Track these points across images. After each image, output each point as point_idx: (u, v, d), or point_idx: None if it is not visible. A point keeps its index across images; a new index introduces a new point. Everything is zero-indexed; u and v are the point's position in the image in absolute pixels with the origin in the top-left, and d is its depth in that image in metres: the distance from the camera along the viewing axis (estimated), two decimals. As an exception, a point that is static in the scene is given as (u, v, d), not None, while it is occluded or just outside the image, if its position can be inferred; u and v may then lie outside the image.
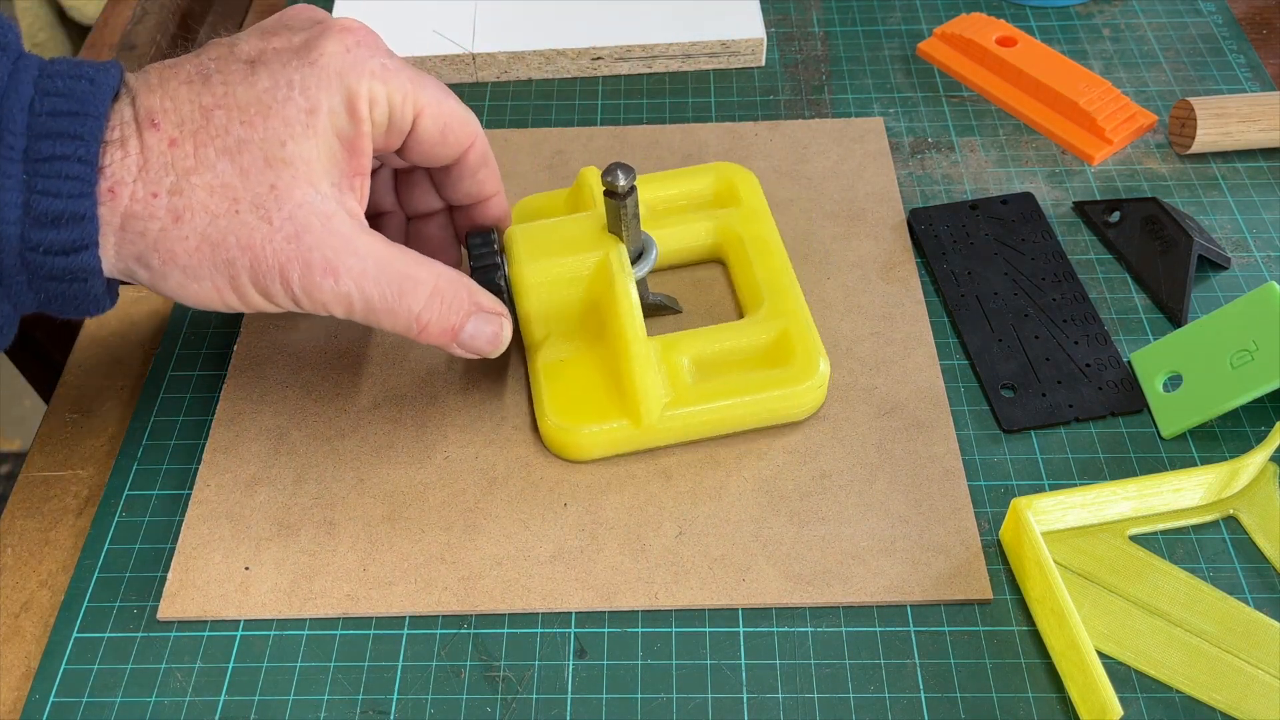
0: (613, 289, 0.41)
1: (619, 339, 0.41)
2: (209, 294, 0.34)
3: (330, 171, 0.34)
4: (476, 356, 0.39)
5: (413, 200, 0.43)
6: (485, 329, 0.38)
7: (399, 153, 0.38)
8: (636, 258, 0.43)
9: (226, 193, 0.32)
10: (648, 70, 0.59)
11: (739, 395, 0.41)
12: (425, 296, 0.36)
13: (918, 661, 0.37)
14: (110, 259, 0.33)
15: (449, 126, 0.37)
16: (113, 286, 0.34)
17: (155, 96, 0.33)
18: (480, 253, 0.41)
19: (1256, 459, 0.40)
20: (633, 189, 0.40)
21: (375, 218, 0.43)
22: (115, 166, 0.32)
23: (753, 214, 0.47)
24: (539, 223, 0.43)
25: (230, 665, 0.37)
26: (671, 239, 0.47)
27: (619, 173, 0.39)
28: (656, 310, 0.46)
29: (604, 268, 0.41)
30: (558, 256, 0.42)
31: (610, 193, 0.40)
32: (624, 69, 0.58)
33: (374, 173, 0.42)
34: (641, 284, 0.44)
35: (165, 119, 0.32)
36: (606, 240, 0.42)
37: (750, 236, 0.46)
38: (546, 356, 0.43)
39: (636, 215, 0.41)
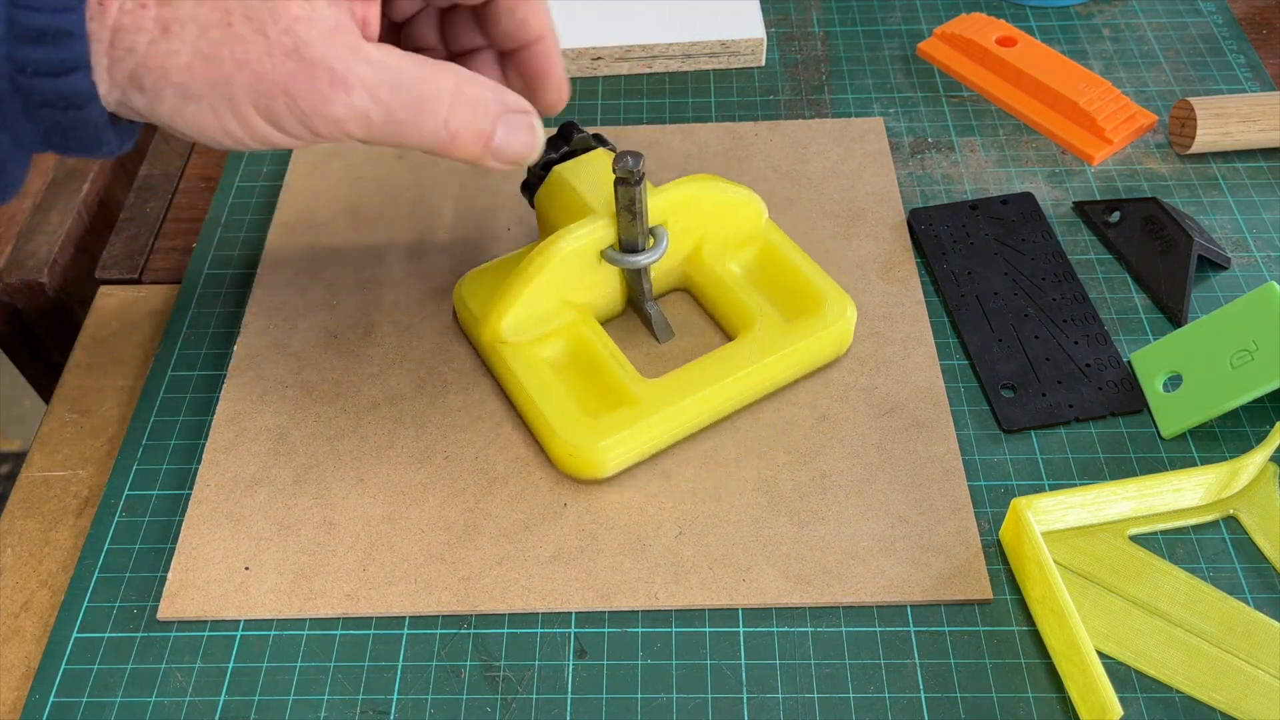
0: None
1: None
2: (208, 119, 0.31)
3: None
4: (510, 167, 0.36)
5: (457, 39, 0.40)
6: (518, 134, 0.35)
7: None
8: (645, 245, 0.43)
9: (218, 3, 0.30)
10: (648, 70, 0.59)
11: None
12: (449, 100, 0.33)
13: (918, 661, 0.37)
14: (105, 84, 0.30)
15: None
16: (119, 125, 0.32)
17: None
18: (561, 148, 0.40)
19: (1256, 459, 0.40)
20: (643, 175, 0.40)
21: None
22: None
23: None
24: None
25: (230, 665, 0.37)
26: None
27: (629, 159, 0.39)
28: (646, 318, 0.46)
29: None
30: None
31: (623, 180, 0.40)
32: (624, 69, 0.58)
33: (416, 15, 0.40)
34: (646, 274, 0.44)
35: None
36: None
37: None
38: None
39: (645, 202, 0.41)
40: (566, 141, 0.45)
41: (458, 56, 0.40)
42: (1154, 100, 0.56)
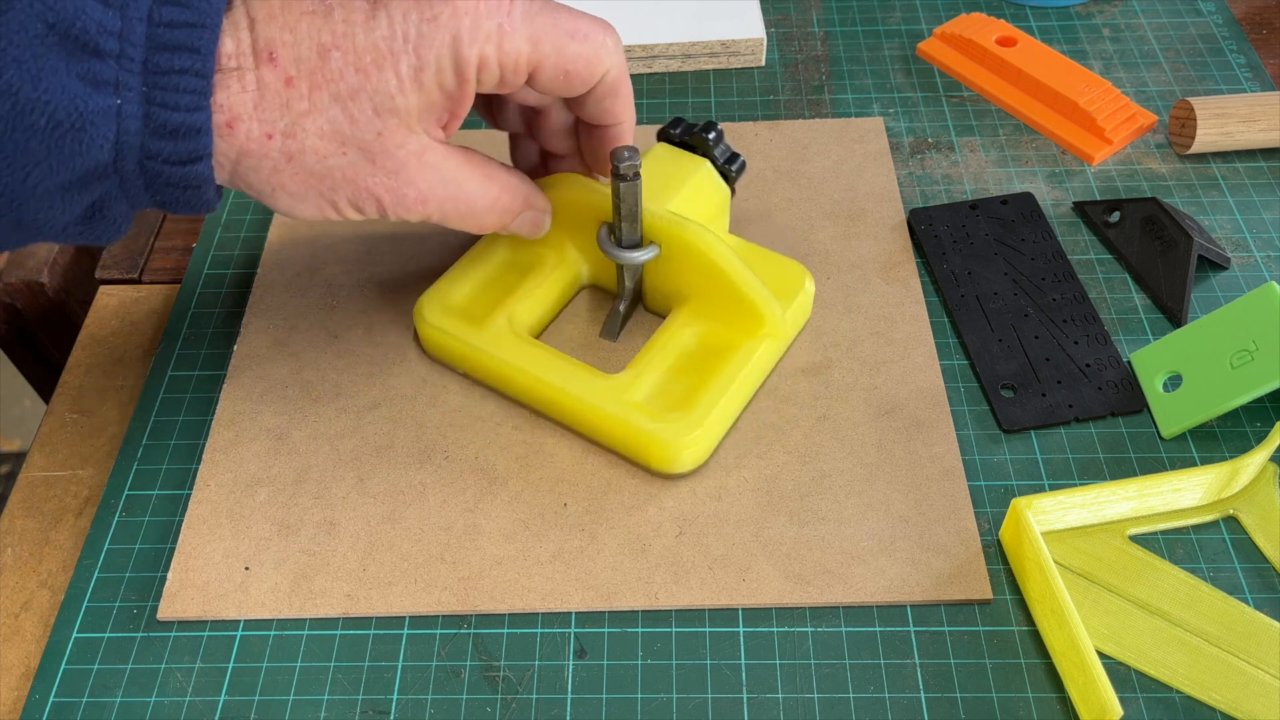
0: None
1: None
2: (310, 212, 0.36)
3: (427, 118, 0.36)
4: (522, 236, 0.43)
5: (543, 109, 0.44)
6: (528, 221, 0.42)
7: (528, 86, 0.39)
8: (642, 242, 0.43)
9: (336, 137, 0.34)
10: (648, 70, 0.58)
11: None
12: (488, 208, 0.39)
13: (918, 661, 0.37)
14: (224, 179, 0.35)
15: (572, 73, 0.37)
16: (220, 189, 0.36)
17: (275, 26, 0.33)
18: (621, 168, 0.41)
19: (1256, 459, 0.40)
20: (639, 173, 0.40)
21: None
22: (233, 98, 0.33)
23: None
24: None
25: (230, 665, 0.37)
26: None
27: (626, 154, 0.39)
28: (614, 312, 0.46)
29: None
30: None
31: (621, 176, 0.40)
32: (624, 69, 0.58)
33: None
34: (631, 272, 0.44)
35: (283, 53, 0.33)
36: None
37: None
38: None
39: (640, 201, 0.41)
40: (674, 128, 0.46)
41: (538, 113, 0.43)
42: (1154, 100, 0.56)
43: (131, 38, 0.31)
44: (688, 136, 0.46)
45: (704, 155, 0.45)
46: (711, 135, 0.45)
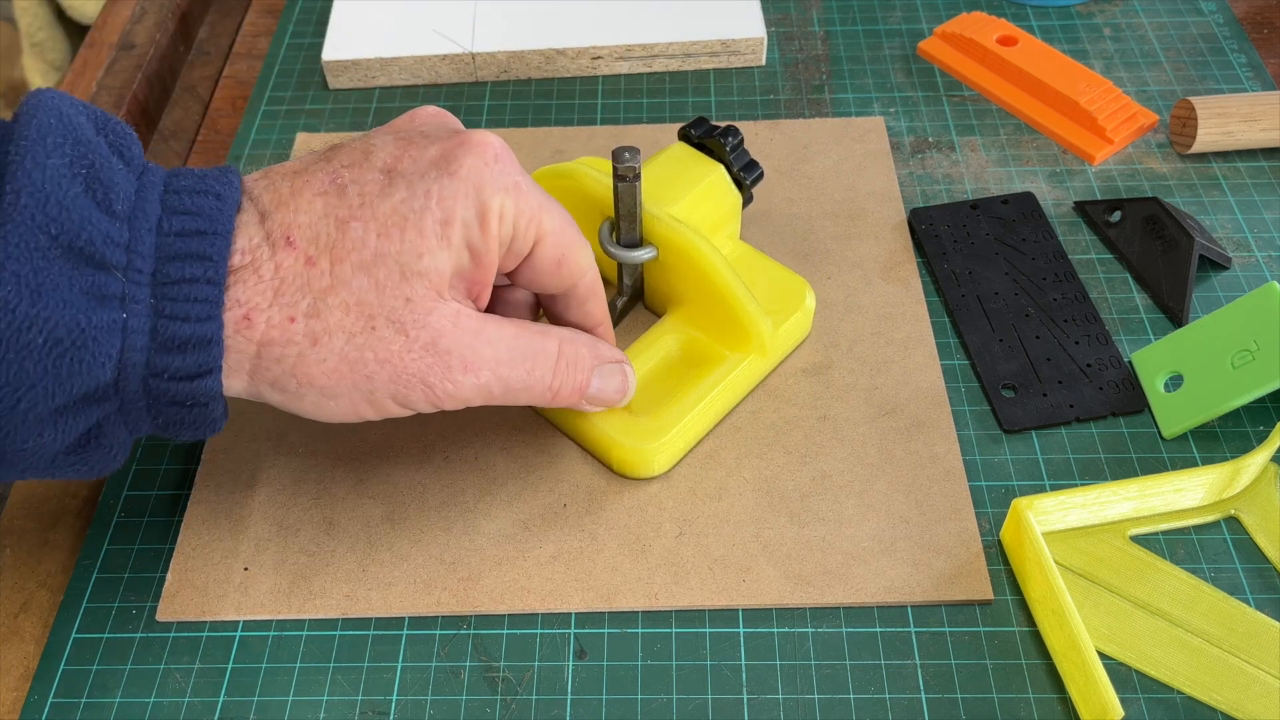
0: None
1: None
2: (345, 411, 0.33)
3: (457, 285, 0.33)
4: (602, 409, 0.40)
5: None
6: (611, 382, 0.39)
7: (510, 276, 0.37)
8: (641, 242, 0.43)
9: (363, 310, 0.32)
10: (648, 70, 0.58)
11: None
12: (553, 365, 0.36)
13: (918, 662, 0.37)
14: (242, 384, 0.32)
15: (566, 257, 0.36)
16: (226, 408, 0.33)
17: (288, 211, 0.32)
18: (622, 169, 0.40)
19: (1258, 459, 0.40)
20: (639, 174, 0.40)
21: None
22: (250, 292, 0.31)
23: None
24: None
25: (229, 666, 0.37)
26: None
27: (626, 155, 0.39)
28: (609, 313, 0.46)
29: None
30: None
31: (620, 177, 0.40)
32: (624, 68, 0.58)
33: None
34: (630, 270, 0.44)
35: (300, 235, 0.31)
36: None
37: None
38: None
39: (639, 201, 0.41)
40: (695, 128, 0.45)
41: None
42: (1155, 100, 0.56)
43: (140, 249, 0.30)
44: (706, 138, 0.45)
45: (719, 159, 0.45)
46: (729, 141, 0.44)
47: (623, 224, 0.42)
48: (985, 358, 0.44)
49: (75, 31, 1.11)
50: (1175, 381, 0.43)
